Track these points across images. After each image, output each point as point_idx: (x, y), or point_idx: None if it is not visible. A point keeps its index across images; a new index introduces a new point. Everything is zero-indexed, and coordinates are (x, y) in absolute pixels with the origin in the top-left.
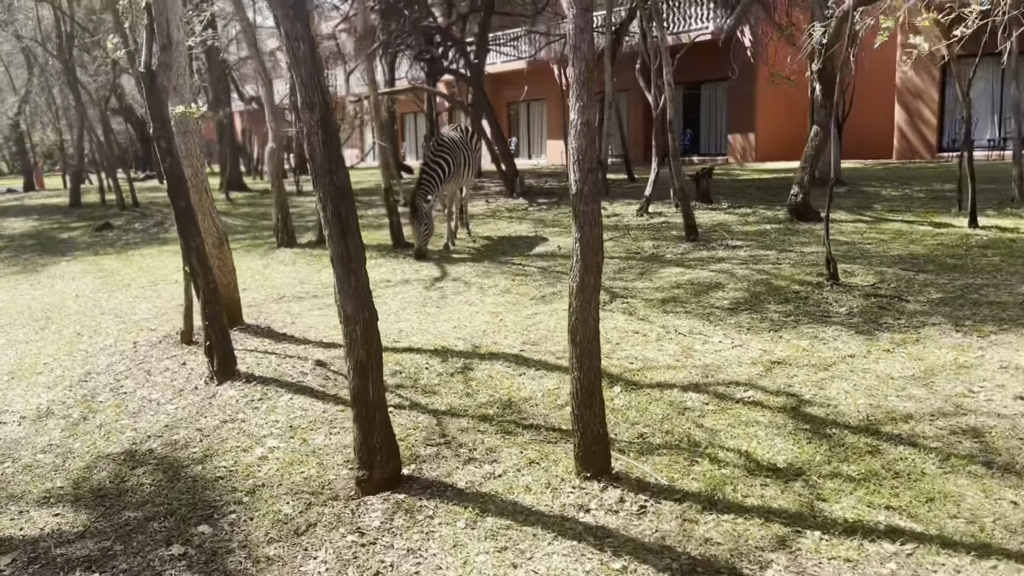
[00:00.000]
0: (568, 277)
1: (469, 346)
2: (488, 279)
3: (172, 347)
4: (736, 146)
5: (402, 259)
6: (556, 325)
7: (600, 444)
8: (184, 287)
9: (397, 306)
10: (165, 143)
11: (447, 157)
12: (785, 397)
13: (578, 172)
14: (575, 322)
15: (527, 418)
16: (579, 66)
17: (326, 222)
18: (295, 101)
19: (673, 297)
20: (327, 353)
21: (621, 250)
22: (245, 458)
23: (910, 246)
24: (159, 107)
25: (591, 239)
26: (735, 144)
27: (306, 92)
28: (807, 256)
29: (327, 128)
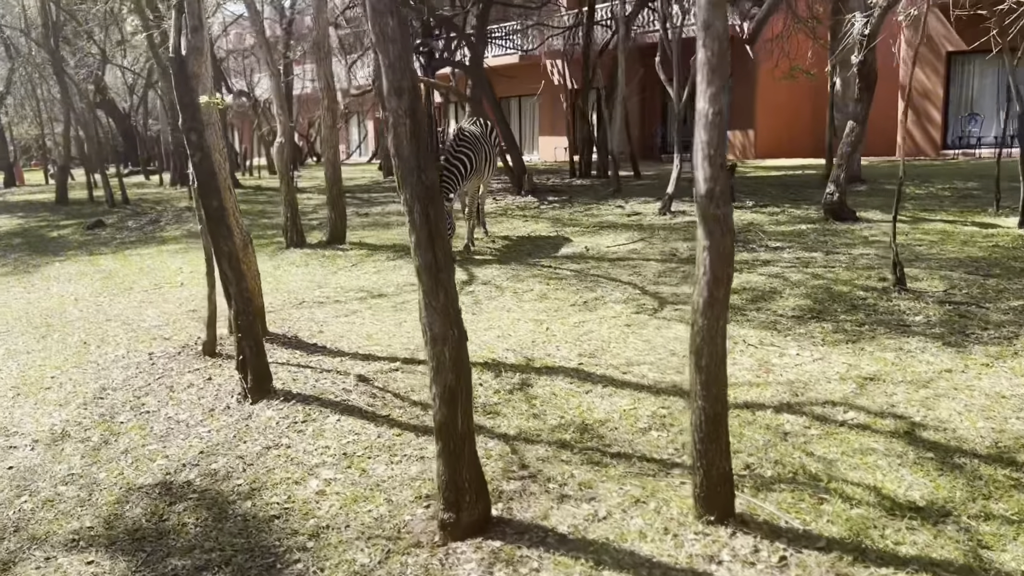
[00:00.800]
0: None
1: (520, 358)
2: (520, 283)
3: (193, 359)
4: (736, 143)
5: None
6: (609, 335)
7: (725, 483)
8: (207, 294)
9: None
10: (196, 136)
11: (469, 152)
12: (892, 419)
13: (708, 169)
14: (700, 343)
15: (610, 445)
16: (711, 46)
17: (412, 226)
18: (380, 86)
19: (729, 304)
20: (368, 367)
21: (655, 252)
22: (299, 492)
23: (964, 248)
24: (190, 95)
25: (722, 247)
26: (735, 141)
27: (394, 75)
28: (858, 259)
29: (416, 118)
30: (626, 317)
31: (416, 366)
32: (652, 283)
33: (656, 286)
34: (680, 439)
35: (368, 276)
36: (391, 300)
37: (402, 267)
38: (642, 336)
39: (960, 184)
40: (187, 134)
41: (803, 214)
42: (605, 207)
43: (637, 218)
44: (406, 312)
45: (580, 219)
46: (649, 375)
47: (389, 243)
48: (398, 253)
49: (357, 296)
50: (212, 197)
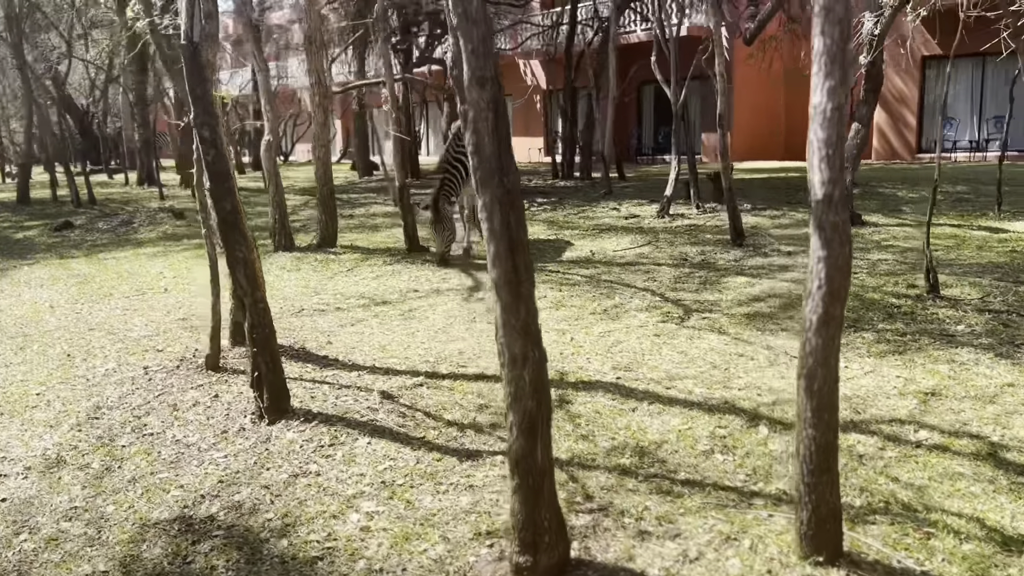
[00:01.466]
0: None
1: (553, 372)
2: None
3: (195, 374)
4: (710, 145)
5: (421, 265)
6: (640, 346)
7: (835, 520)
8: (212, 303)
9: (441, 321)
10: (209, 132)
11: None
12: (969, 439)
13: (826, 171)
14: (813, 365)
15: (675, 470)
16: (831, 33)
17: (491, 235)
18: (457, 75)
19: (758, 312)
20: (389, 382)
21: (665, 256)
22: (340, 528)
23: (982, 253)
24: (203, 87)
25: (840, 259)
26: (708, 143)
27: (478, 62)
28: (878, 265)
29: (499, 112)
30: (653, 326)
31: (441, 381)
32: (670, 289)
33: (676, 292)
34: (748, 463)
35: (367, 282)
36: (397, 308)
37: (401, 272)
38: (675, 347)
39: (949, 188)
40: (200, 129)
41: (805, 217)
42: (599, 209)
43: (635, 221)
44: (416, 321)
45: (576, 222)
46: (695, 391)
47: (382, 247)
48: (394, 257)
49: (359, 303)
50: (226, 199)
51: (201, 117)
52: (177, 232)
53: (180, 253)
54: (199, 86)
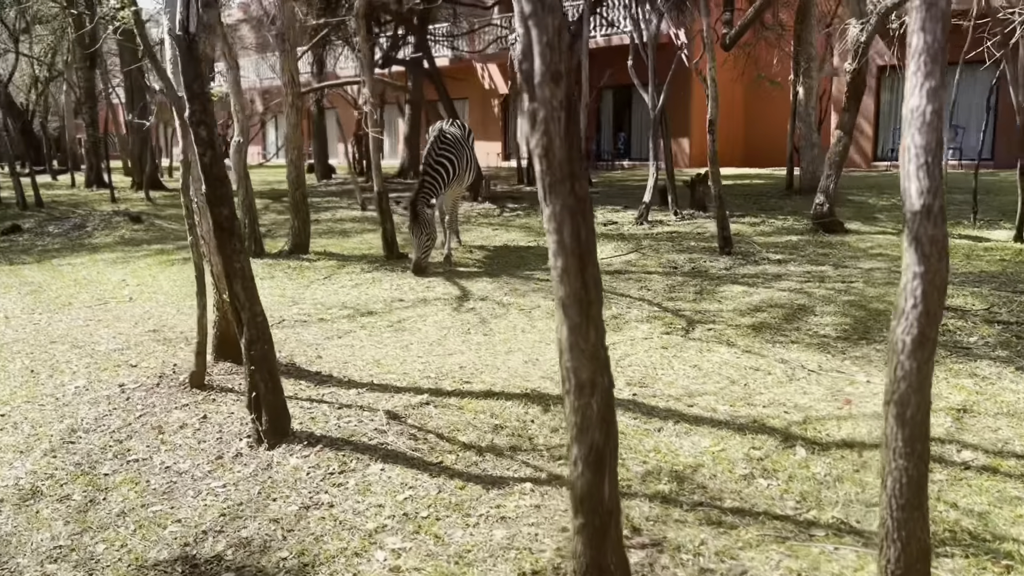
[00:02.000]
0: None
1: None
2: (523, 298)
3: (178, 393)
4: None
5: (401, 273)
6: (650, 360)
7: (924, 559)
8: (198, 317)
9: (435, 333)
10: (206, 131)
11: (451, 156)
12: (1016, 460)
13: (925, 180)
14: (906, 391)
15: (719, 497)
16: (933, 29)
17: (559, 248)
18: (527, 69)
19: (763, 323)
20: (392, 401)
21: (654, 264)
22: (366, 568)
23: (971, 262)
24: (200, 82)
25: (938, 276)
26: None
27: (552, 57)
28: (872, 273)
29: (572, 112)
30: (658, 339)
31: (447, 399)
32: (667, 299)
33: (673, 302)
34: (794, 488)
35: (347, 290)
36: (384, 319)
37: (381, 280)
38: (687, 361)
39: None
40: (196, 128)
41: (786, 224)
42: None
43: (614, 227)
44: (407, 333)
45: None
46: (719, 408)
47: (357, 253)
48: (372, 264)
49: (343, 314)
50: (224, 205)
51: (198, 116)
52: (136, 237)
53: (142, 259)
54: (195, 82)
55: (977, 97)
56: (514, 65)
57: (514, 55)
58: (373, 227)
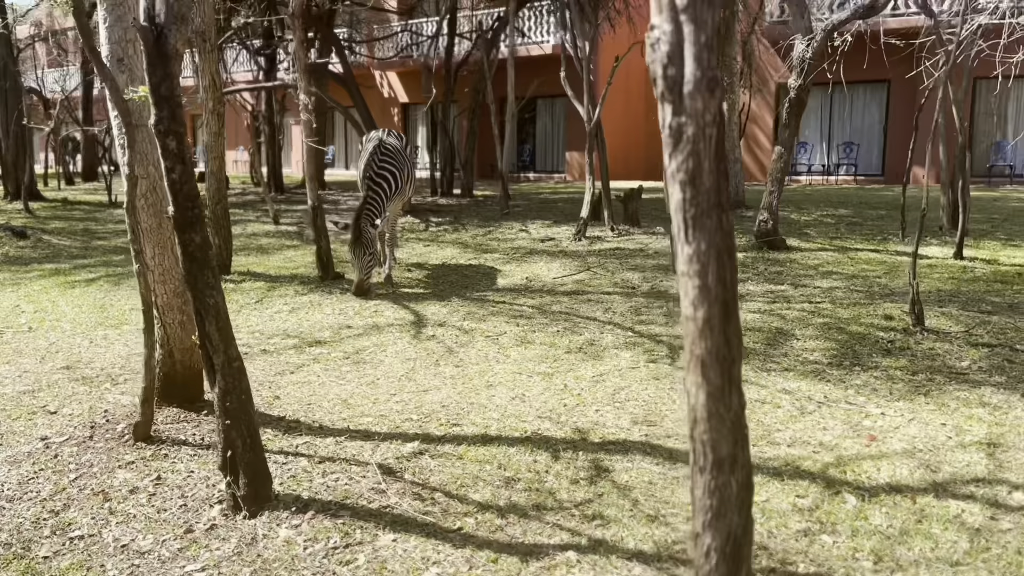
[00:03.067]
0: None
1: (567, 431)
2: (483, 323)
3: (118, 447)
4: (574, 164)
5: (340, 295)
6: (646, 393)
7: None
8: (145, 358)
9: (400, 365)
10: (176, 142)
11: (392, 169)
12: None
13: None
14: None
15: (791, 560)
16: None
17: (701, 296)
18: (674, 76)
19: (747, 349)
20: (380, 450)
21: (608, 284)
22: None
23: (924, 281)
24: (170, 83)
25: None
26: (572, 162)
27: (707, 61)
28: (834, 292)
29: (722, 129)
30: (645, 368)
31: (440, 446)
32: (637, 323)
33: (645, 326)
34: (865, 546)
35: (284, 316)
36: (336, 349)
37: (321, 304)
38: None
39: (832, 211)
40: (163, 139)
41: None
42: (506, 231)
43: (552, 244)
44: (369, 366)
45: (489, 244)
46: None
47: (285, 273)
48: (306, 286)
49: (287, 344)
50: (195, 231)
51: (166, 124)
52: (23, 255)
53: (36, 281)
54: (165, 82)
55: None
56: (653, 71)
57: (653, 58)
58: (292, 243)
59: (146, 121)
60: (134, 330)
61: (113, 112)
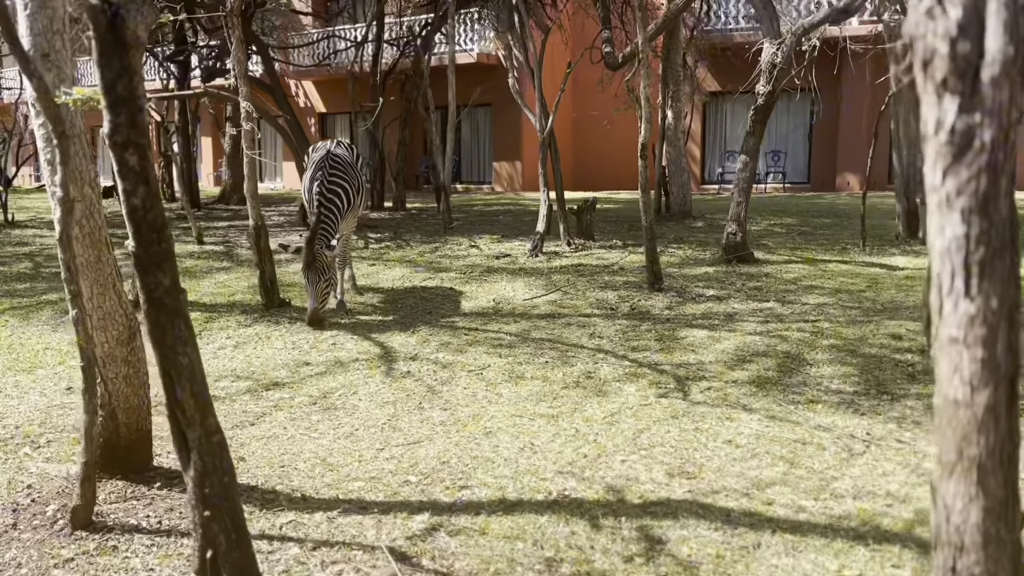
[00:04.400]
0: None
1: (598, 490)
2: (461, 355)
3: (54, 538)
4: (503, 174)
5: (290, 325)
6: (668, 436)
7: None
8: (86, 426)
9: (379, 411)
10: (138, 158)
11: (344, 184)
12: None
13: None
14: None
15: None
16: None
17: (985, 371)
18: (968, 53)
19: (762, 378)
20: (383, 527)
21: (585, 305)
22: None
23: (907, 295)
24: (129, 81)
25: None
26: (501, 172)
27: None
28: (825, 310)
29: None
30: (659, 404)
31: (456, 517)
32: (630, 349)
33: (639, 353)
34: None
35: (230, 353)
36: (299, 392)
37: (270, 336)
38: (715, 435)
39: (777, 220)
40: (121, 152)
41: (691, 254)
42: (455, 246)
43: (509, 261)
44: (343, 413)
45: (441, 262)
46: (805, 504)
47: (222, 301)
48: (249, 315)
49: (240, 388)
50: (162, 271)
51: (125, 132)
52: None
53: None
54: (123, 79)
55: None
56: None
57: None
58: (223, 265)
59: (79, 132)
60: (51, 375)
61: (38, 120)
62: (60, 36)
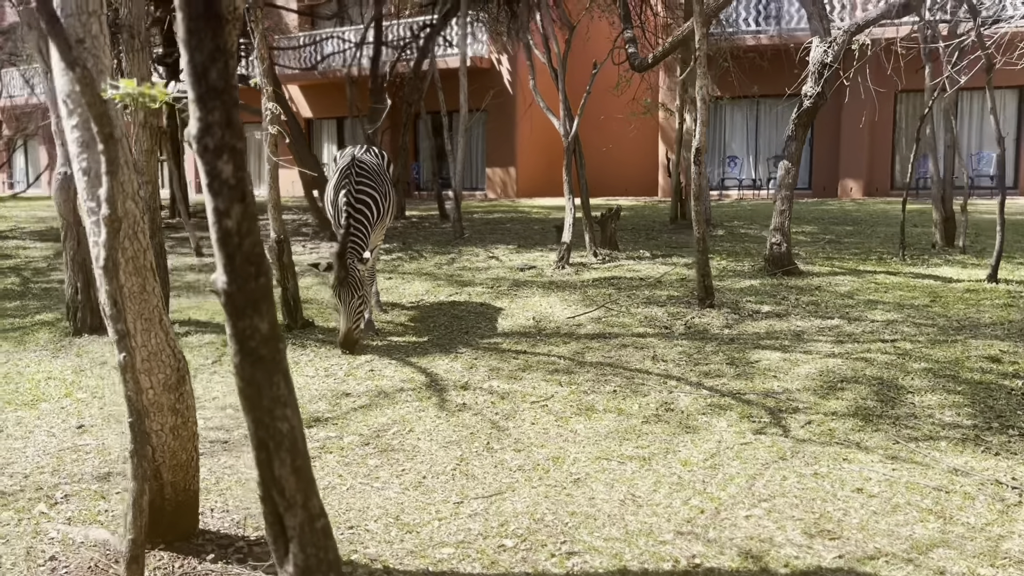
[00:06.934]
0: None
1: (733, 557)
2: (516, 382)
3: None
4: (496, 180)
5: (318, 349)
6: (788, 484)
7: None
8: (135, 495)
9: (443, 454)
10: (232, 165)
11: (373, 193)
12: None
13: None
14: None
15: None
16: None
17: None
18: None
19: (864, 409)
20: None
21: (635, 323)
22: None
23: (978, 310)
24: (224, 65)
25: None
26: (494, 178)
27: None
28: (898, 327)
29: None
30: (759, 444)
31: None
32: (702, 375)
33: (715, 379)
34: None
35: None
36: (345, 430)
37: (299, 362)
38: (841, 482)
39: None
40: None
41: (729, 266)
42: (471, 257)
43: (535, 273)
44: (403, 455)
45: (462, 275)
46: (982, 574)
47: None
48: None
49: None
50: (260, 313)
51: (219, 134)
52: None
53: None
54: (216, 64)
55: None
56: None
57: None
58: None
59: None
60: (56, 410)
61: (71, 120)
62: (97, 19)
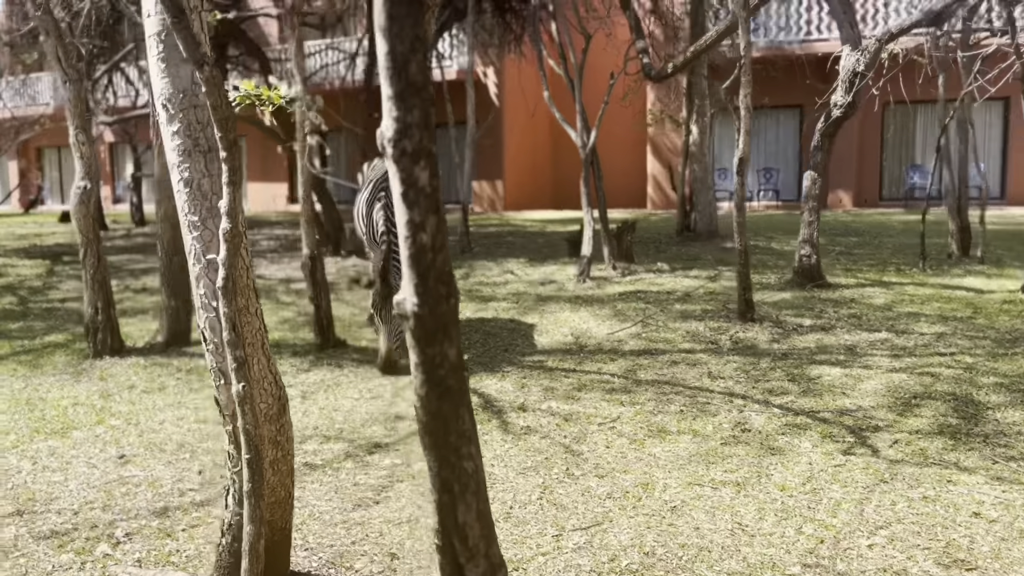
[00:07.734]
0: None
1: None
2: (575, 403)
3: None
4: (483, 194)
5: (355, 369)
6: (903, 509)
7: None
8: (251, 540)
9: (523, 482)
10: (429, 173)
11: None
12: None
13: None
14: None
15: None
16: None
17: None
18: None
19: (949, 427)
20: None
21: (678, 338)
22: None
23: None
24: (423, 59)
25: None
26: (481, 192)
27: None
28: (949, 339)
29: None
30: (852, 466)
31: None
32: (768, 392)
33: (781, 397)
34: None
35: (296, 405)
36: (411, 456)
37: (339, 383)
38: (952, 506)
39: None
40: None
41: (756, 279)
42: (485, 272)
43: (556, 287)
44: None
45: (482, 290)
46: None
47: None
48: (303, 358)
49: (337, 452)
50: (450, 340)
51: (417, 136)
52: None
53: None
54: (416, 56)
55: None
56: None
57: None
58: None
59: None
60: (90, 438)
61: (171, 126)
62: (197, 14)
